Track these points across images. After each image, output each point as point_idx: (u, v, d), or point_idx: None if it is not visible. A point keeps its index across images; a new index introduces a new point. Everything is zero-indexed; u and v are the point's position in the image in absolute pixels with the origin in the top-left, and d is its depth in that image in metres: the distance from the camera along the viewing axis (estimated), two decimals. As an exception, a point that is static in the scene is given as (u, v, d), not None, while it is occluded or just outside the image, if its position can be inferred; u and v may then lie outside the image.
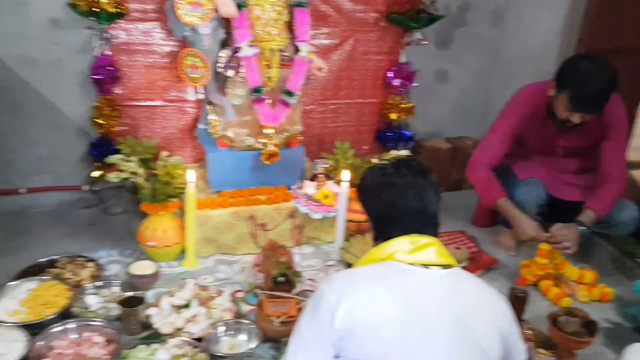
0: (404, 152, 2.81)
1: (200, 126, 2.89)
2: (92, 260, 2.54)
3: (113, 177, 2.44)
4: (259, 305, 2.21)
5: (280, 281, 2.35)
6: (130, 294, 2.24)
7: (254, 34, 2.51)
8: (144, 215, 2.86)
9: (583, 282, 2.63)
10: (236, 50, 2.50)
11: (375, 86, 3.26)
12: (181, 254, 2.66)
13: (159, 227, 2.57)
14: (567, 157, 2.78)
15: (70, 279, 2.38)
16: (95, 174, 2.92)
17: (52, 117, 2.85)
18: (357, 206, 2.81)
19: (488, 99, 3.57)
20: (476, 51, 3.45)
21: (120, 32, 2.77)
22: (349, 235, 2.77)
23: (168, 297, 2.30)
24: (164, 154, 2.59)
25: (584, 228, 2.56)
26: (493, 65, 3.50)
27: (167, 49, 2.86)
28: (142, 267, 2.43)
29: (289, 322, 2.13)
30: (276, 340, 2.15)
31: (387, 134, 3.31)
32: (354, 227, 2.82)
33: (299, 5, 2.55)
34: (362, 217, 2.82)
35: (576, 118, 2.50)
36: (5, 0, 2.60)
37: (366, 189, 1.52)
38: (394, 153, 2.81)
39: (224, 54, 2.54)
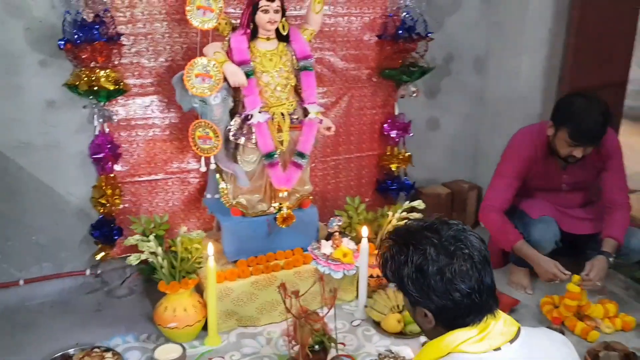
0: (416, 203, 2.82)
1: (208, 196, 2.82)
2: (109, 349, 2.39)
3: (133, 259, 2.33)
4: (302, 379, 2.12)
5: (318, 350, 2.28)
6: (165, 382, 2.11)
7: (264, 100, 2.50)
8: (153, 295, 2.76)
9: (607, 315, 2.65)
10: (247, 118, 2.48)
11: (372, 139, 3.30)
12: (201, 332, 2.54)
13: (178, 306, 2.45)
14: (571, 191, 2.86)
15: (90, 373, 2.22)
16: (99, 256, 2.79)
17: (51, 201, 2.73)
18: (375, 260, 2.81)
19: (478, 142, 3.67)
20: (463, 98, 3.55)
21: (119, 108, 2.71)
22: (371, 292, 2.73)
23: (203, 380, 2.19)
24: (182, 229, 2.50)
25: (612, 259, 2.61)
26: (480, 110, 3.60)
27: (167, 121, 2.82)
28: (168, 351, 2.32)
29: (338, 393, 2.05)
30: (325, 413, 2.07)
31: (389, 185, 3.32)
32: (375, 282, 2.78)
33: (304, 69, 2.56)
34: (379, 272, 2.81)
35: (578, 152, 2.59)
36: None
37: (418, 283, 1.26)
38: (407, 205, 2.81)
39: (235, 122, 2.51)
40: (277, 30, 2.49)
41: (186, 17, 2.49)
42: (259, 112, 2.47)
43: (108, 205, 2.72)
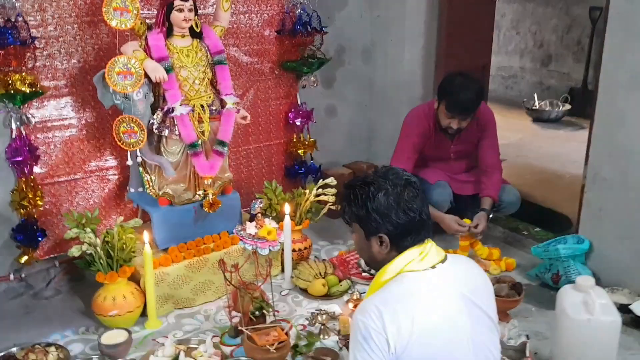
0: (329, 180, 3.13)
1: (132, 190, 2.92)
2: (50, 344, 2.45)
3: (75, 250, 2.41)
4: (248, 340, 2.33)
5: (258, 315, 2.51)
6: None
7: (184, 94, 2.67)
8: (80, 292, 2.88)
9: (492, 258, 3.15)
10: (169, 111, 2.64)
11: (278, 128, 3.57)
12: (139, 319, 2.67)
13: (117, 294, 2.56)
14: (457, 159, 3.33)
15: (39, 368, 2.28)
16: (23, 259, 2.79)
17: (-32, 208, 2.70)
18: (297, 236, 3.08)
19: (370, 125, 4.07)
20: (355, 86, 3.93)
21: (34, 111, 2.74)
22: (295, 264, 3.00)
23: (155, 354, 2.34)
24: (119, 219, 2.61)
25: (491, 214, 3.11)
26: (370, 96, 4.01)
27: (83, 121, 2.89)
28: (114, 336, 2.41)
29: (283, 347, 2.31)
30: (273, 368, 2.31)
31: (297, 169, 3.61)
32: (297, 255, 3.06)
33: (219, 63, 2.77)
34: (301, 245, 3.09)
35: (454, 123, 3.04)
36: None
37: (381, 208, 1.55)
38: (322, 182, 3.13)
39: (157, 116, 2.66)
40: (190, 27, 2.68)
41: (96, 19, 2.62)
42: (180, 105, 2.64)
43: (30, 207, 2.74)
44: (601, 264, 2.90)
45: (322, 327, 2.56)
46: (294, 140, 3.59)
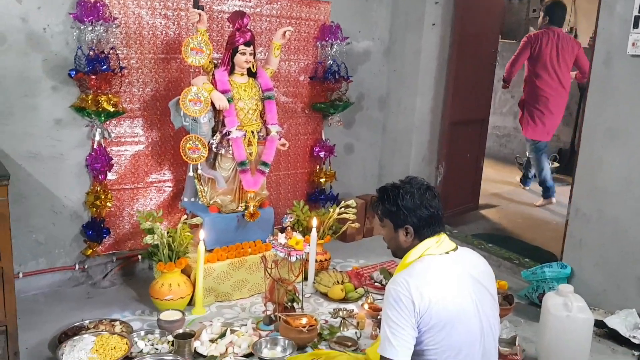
0: (350, 202, 3.68)
1: (185, 199, 3.45)
2: (114, 320, 2.92)
3: (149, 239, 2.92)
4: (284, 323, 2.81)
5: (289, 306, 3.00)
6: (180, 331, 2.71)
7: (239, 121, 3.24)
8: (133, 285, 3.35)
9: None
10: (227, 134, 3.20)
11: (304, 159, 4.14)
12: (186, 307, 3.13)
13: (173, 282, 3.04)
14: None
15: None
16: (89, 252, 3.28)
17: (51, 205, 3.20)
18: (319, 249, 3.58)
19: (380, 164, 4.65)
20: (370, 129, 4.53)
21: (112, 127, 3.29)
22: (317, 272, 3.49)
23: (206, 330, 2.81)
24: (183, 217, 3.12)
25: None
26: (382, 139, 4.60)
27: (150, 139, 3.44)
28: (170, 315, 2.89)
29: (313, 329, 2.78)
30: (303, 347, 2.78)
31: (318, 196, 4.15)
32: (318, 266, 3.55)
33: (268, 98, 3.36)
34: (322, 257, 3.58)
35: None
36: (17, 105, 3.02)
37: (409, 205, 2.01)
38: (344, 203, 3.68)
39: (216, 137, 3.22)
40: (248, 68, 3.28)
41: (169, 56, 3.22)
42: (236, 130, 3.21)
43: (100, 207, 3.25)
44: (580, 287, 3.35)
45: (343, 320, 3.03)
46: (317, 170, 4.15)
